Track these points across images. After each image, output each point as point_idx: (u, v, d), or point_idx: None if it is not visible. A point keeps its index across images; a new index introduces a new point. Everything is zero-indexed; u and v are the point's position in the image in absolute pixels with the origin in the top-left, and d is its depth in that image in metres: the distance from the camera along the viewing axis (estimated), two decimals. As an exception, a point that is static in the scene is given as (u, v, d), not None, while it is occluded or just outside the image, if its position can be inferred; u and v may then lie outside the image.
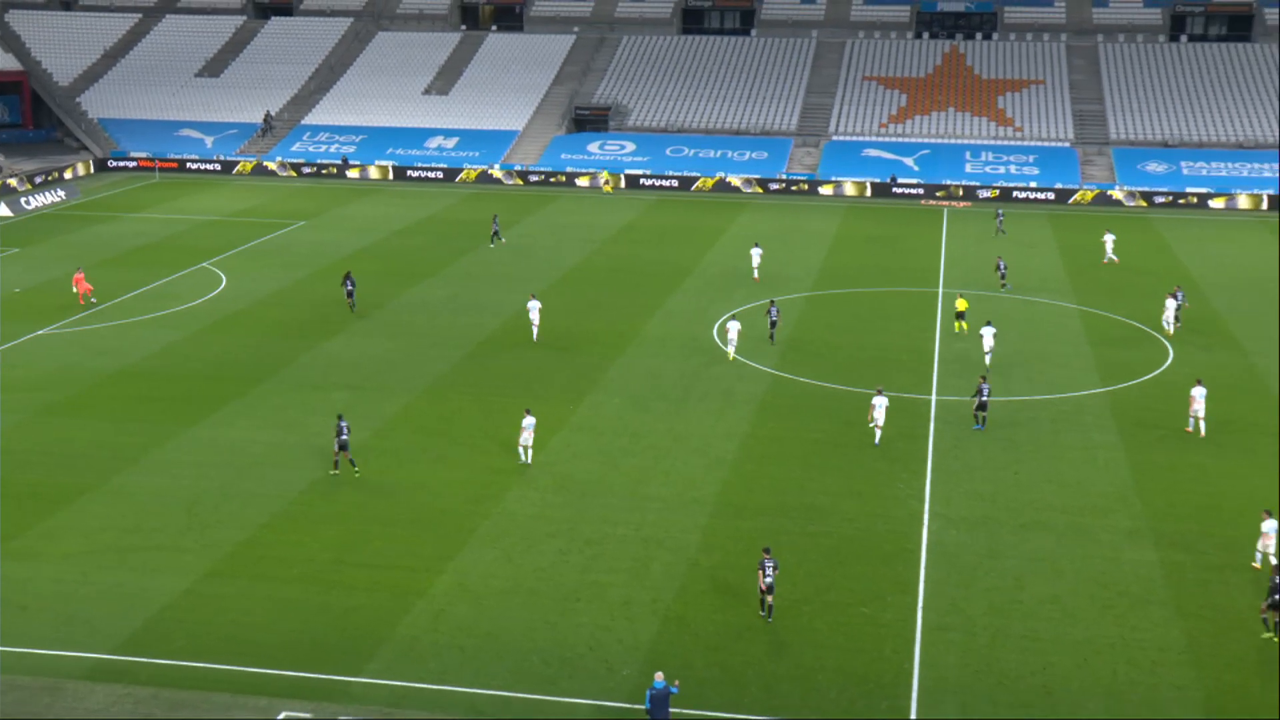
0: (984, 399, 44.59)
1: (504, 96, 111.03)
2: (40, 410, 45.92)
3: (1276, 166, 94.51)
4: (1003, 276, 65.70)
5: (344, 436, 39.68)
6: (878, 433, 43.41)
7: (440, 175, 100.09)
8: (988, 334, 52.18)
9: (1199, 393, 44.49)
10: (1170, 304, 57.84)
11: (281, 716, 27.27)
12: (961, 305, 58.18)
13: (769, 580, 30.83)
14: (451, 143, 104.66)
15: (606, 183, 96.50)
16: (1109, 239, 73.22)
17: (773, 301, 56.30)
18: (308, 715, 27.32)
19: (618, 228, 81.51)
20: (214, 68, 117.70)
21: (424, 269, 68.82)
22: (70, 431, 43.84)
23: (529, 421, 41.01)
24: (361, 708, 27.60)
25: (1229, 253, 75.58)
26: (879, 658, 29.78)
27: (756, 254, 67.57)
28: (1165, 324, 57.50)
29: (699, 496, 38.70)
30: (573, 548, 35.22)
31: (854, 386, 48.85)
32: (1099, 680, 28.92)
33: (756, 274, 66.76)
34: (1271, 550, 34.17)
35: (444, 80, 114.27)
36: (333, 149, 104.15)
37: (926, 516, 37.53)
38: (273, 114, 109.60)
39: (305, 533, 36.05)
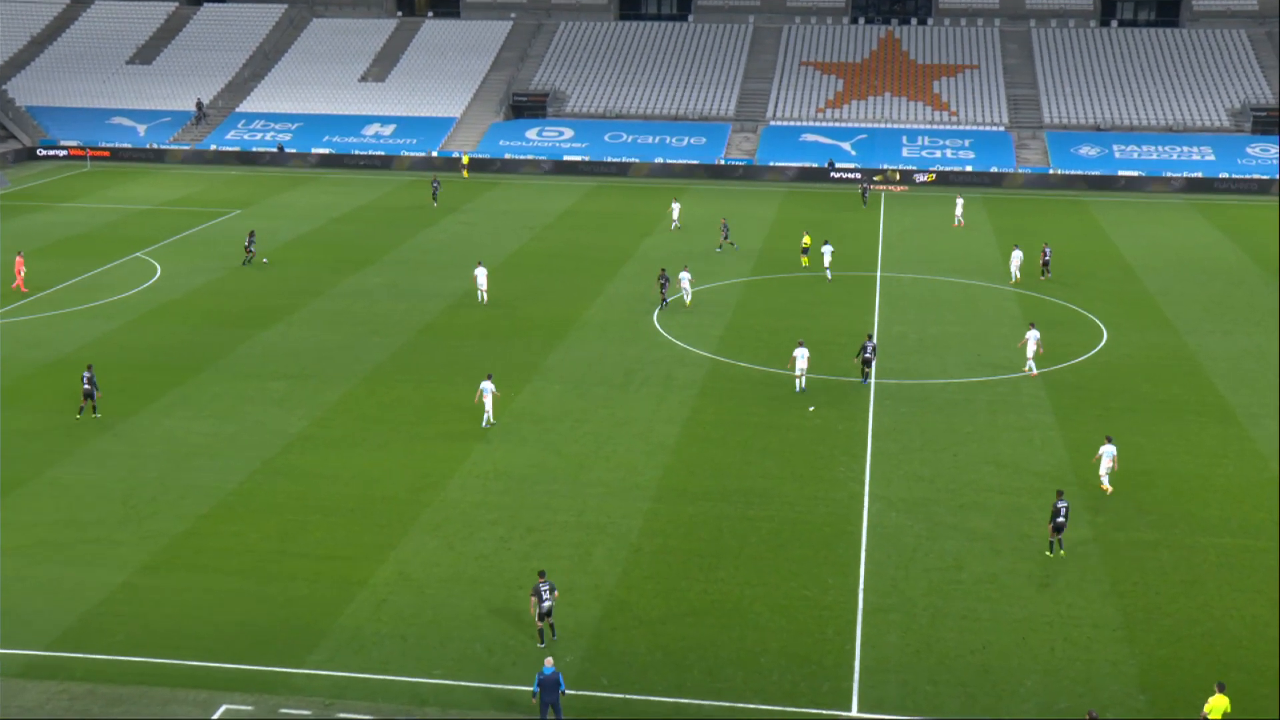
0: (868, 355, 47.56)
1: (441, 83, 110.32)
2: (-29, 403, 45.12)
3: (1207, 150, 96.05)
4: (725, 235, 69.84)
5: (86, 386, 43.27)
6: (799, 381, 46.64)
7: (378, 163, 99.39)
8: (827, 251, 63.72)
9: (1033, 335, 48.74)
10: (1016, 256, 63.80)
11: (222, 710, 26.99)
12: (806, 241, 66.80)
13: (547, 604, 29.30)
14: (389, 130, 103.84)
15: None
16: (959, 202, 79.47)
17: (663, 270, 59.43)
18: (249, 708, 27.06)
19: (557, 214, 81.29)
20: (145, 54, 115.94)
21: (363, 256, 68.28)
22: (3, 424, 43.06)
23: (486, 386, 42.96)
24: (303, 699, 27.37)
25: (1160, 235, 76.65)
26: (821, 639, 29.96)
27: (676, 208, 76.74)
28: (1013, 274, 63.68)
29: (640, 482, 38.72)
30: (515, 535, 35.13)
31: (793, 370, 48.98)
32: (1037, 657, 29.26)
33: (676, 223, 75.70)
34: (1104, 470, 37.99)
35: (380, 67, 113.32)
36: (268, 137, 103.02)
37: (866, 499, 37.77)
38: (205, 102, 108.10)
39: (245, 523, 35.68)
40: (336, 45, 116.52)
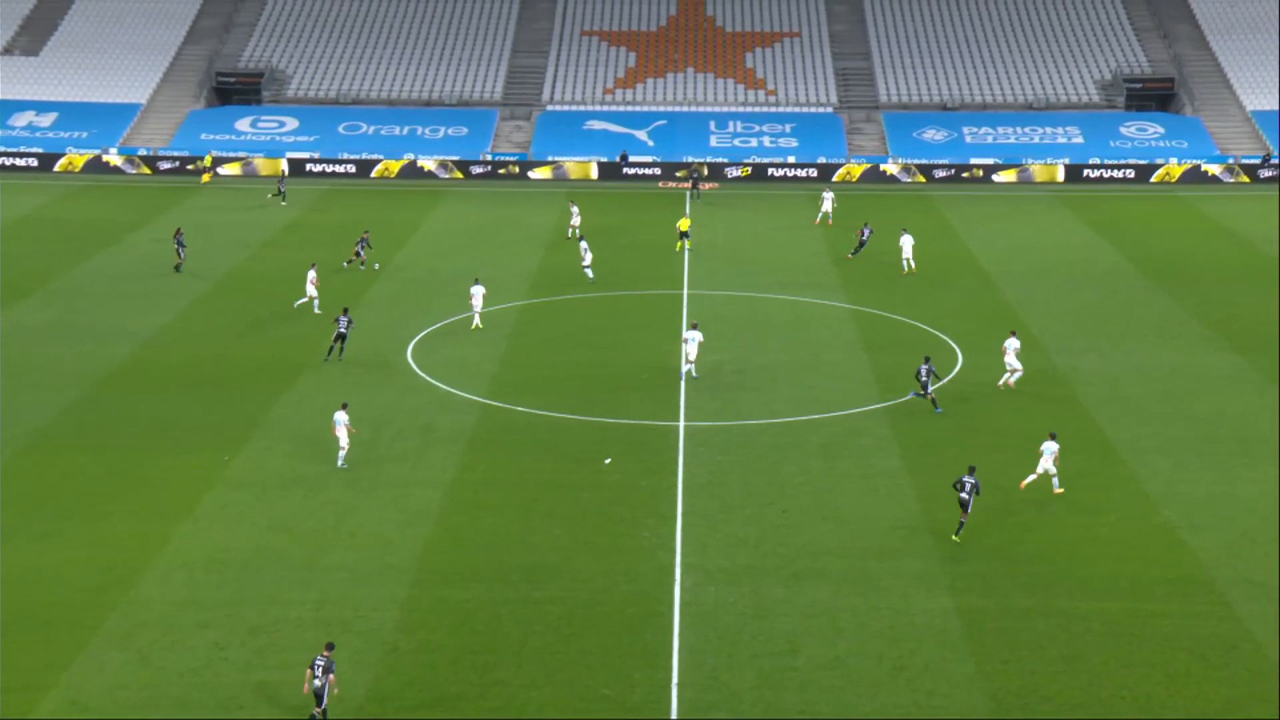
0: (922, 378, 50.24)
1: (118, 59, 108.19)
2: None
3: (1074, 130, 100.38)
4: (359, 253, 70.50)
5: None
6: (692, 368, 52.60)
7: (35, 163, 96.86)
8: (585, 250, 67.39)
9: (1011, 344, 52.60)
10: (907, 241, 69.69)
11: None
12: (684, 225, 74.42)
13: (317, 683, 29.83)
14: (47, 120, 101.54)
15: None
16: (828, 196, 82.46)
17: (345, 310, 56.26)
18: None
19: (279, 227, 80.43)
20: None
21: (17, 285, 66.38)
22: None
23: (340, 417, 44.72)
24: None
25: (1021, 234, 79.73)
26: (627, 751, 30.08)
27: (575, 210, 77.20)
28: (905, 260, 69.55)
29: (395, 563, 38.37)
30: (232, 640, 34.38)
31: (584, 415, 49.29)
32: (892, 758, 29.91)
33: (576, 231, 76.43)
34: (1050, 469, 42.47)
35: (31, 36, 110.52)
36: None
37: (679, 570, 38.10)
38: None
39: None
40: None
